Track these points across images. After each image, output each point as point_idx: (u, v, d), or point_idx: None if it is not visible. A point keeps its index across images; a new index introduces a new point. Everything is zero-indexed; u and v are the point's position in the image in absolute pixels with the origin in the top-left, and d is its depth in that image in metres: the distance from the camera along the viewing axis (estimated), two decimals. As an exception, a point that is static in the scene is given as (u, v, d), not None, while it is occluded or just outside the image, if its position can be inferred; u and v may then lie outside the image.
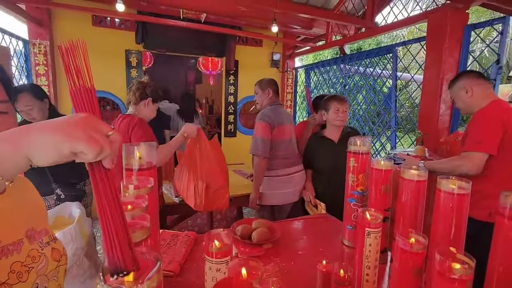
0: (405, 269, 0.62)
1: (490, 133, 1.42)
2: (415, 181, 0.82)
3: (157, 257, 0.36)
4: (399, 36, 9.18)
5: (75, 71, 0.41)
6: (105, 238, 0.36)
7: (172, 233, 1.16)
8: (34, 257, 0.56)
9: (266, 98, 2.10)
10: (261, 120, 1.99)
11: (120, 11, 2.44)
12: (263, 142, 1.96)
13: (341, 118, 1.88)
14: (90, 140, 0.36)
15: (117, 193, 0.39)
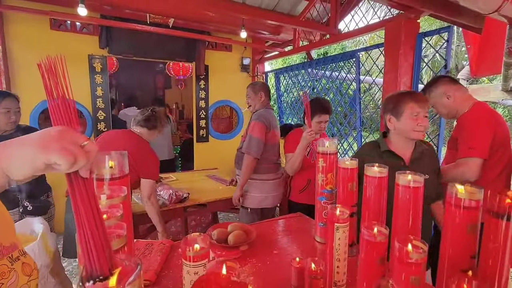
0: (370, 258, 0.68)
1: (481, 138, 1.44)
2: (377, 177, 0.90)
3: (137, 262, 0.37)
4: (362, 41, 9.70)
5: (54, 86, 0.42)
6: (82, 245, 0.37)
7: (146, 242, 1.14)
8: (4, 273, 0.55)
9: (259, 101, 2.14)
10: (259, 121, 2.00)
11: (82, 15, 2.34)
12: (258, 142, 1.98)
13: (421, 129, 1.22)
14: (63, 151, 0.37)
15: (96, 202, 0.39)
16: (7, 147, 0.39)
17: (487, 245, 0.57)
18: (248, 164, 2.00)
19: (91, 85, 3.31)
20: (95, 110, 3.37)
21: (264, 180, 2.09)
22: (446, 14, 2.13)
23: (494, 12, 1.64)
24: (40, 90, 2.10)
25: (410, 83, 2.24)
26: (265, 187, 2.09)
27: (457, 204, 0.65)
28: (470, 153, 1.45)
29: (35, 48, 2.99)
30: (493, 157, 1.48)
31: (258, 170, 2.06)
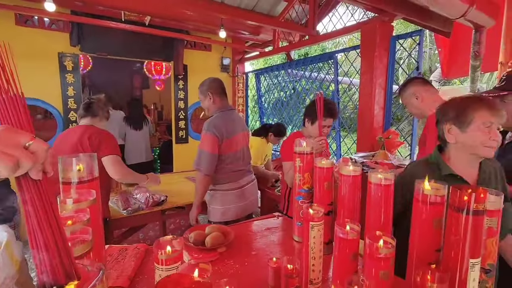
0: (343, 255, 0.69)
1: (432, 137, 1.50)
2: (351, 176, 0.92)
3: (100, 267, 0.35)
4: (341, 43, 9.94)
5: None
6: (34, 254, 0.34)
7: (119, 248, 1.10)
8: None
9: (211, 104, 1.89)
10: (208, 132, 1.79)
11: (50, 11, 2.23)
12: (208, 157, 1.78)
13: (494, 144, 1.01)
14: (1, 158, 0.33)
15: (52, 206, 0.37)
16: None
17: (450, 238, 0.60)
18: (200, 181, 1.81)
19: (62, 84, 3.16)
20: (66, 111, 3.22)
21: (224, 191, 1.91)
22: (418, 18, 2.23)
23: (461, 17, 1.74)
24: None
25: (385, 84, 2.32)
26: (225, 199, 1.90)
27: (423, 200, 0.68)
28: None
29: (-2, 44, 2.81)
30: None
31: (218, 181, 1.89)
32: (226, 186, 1.90)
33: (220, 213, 1.90)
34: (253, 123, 5.34)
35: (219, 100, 1.90)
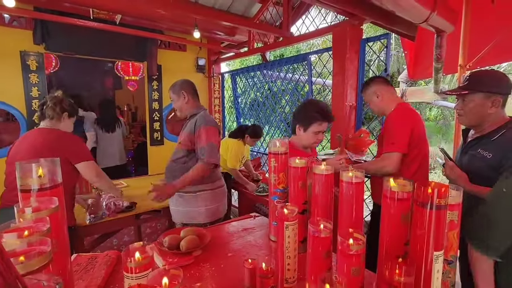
0: (316, 252, 0.71)
1: (400, 134, 1.62)
2: (324, 175, 0.94)
3: (57, 281, 0.33)
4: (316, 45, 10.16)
5: None
6: None
7: (89, 256, 1.04)
8: None
9: (184, 103, 1.86)
10: (212, 125, 1.79)
11: (10, 6, 2.08)
12: (217, 148, 1.80)
13: None
14: None
15: None
16: None
17: (415, 232, 0.63)
18: (204, 172, 1.76)
19: (25, 85, 2.96)
20: (30, 112, 3.02)
21: (216, 188, 1.91)
22: (385, 22, 2.33)
23: (423, 22, 1.84)
24: None
25: (356, 85, 2.40)
26: (218, 196, 1.91)
27: (391, 196, 0.70)
28: (391, 148, 1.62)
29: (-50, 41, 2.58)
30: (411, 153, 1.64)
31: (212, 178, 1.88)
32: (217, 183, 1.92)
33: (211, 212, 1.86)
34: (229, 123, 5.31)
35: (193, 100, 1.90)
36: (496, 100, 1.27)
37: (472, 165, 1.31)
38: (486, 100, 1.28)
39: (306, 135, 1.57)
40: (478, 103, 1.29)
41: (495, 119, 1.29)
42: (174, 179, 1.79)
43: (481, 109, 1.30)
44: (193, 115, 1.86)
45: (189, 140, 1.80)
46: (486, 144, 1.29)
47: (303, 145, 1.61)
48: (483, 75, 1.36)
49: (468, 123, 1.38)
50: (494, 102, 1.27)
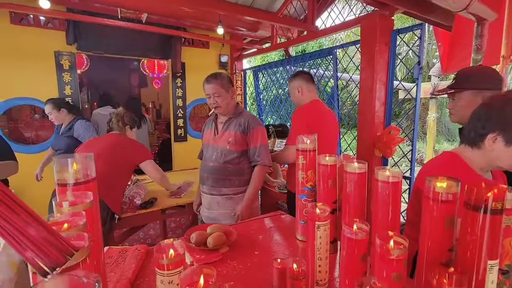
0: (352, 256, 0.67)
1: (297, 129, 1.81)
2: (357, 173, 0.89)
3: (96, 279, 0.33)
4: (338, 39, 9.90)
5: None
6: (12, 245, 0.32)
7: (119, 249, 1.07)
8: None
9: (230, 100, 1.79)
10: (262, 126, 1.83)
11: (45, 8, 2.18)
12: (269, 150, 1.84)
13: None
14: None
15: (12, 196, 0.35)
16: None
17: (465, 238, 0.58)
18: (264, 174, 1.81)
19: (59, 83, 3.12)
20: (64, 110, 3.17)
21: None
22: (419, 12, 2.19)
23: (463, 10, 1.70)
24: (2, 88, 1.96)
25: (386, 79, 2.29)
26: (257, 195, 1.95)
27: (434, 198, 0.65)
28: (289, 141, 1.93)
29: (-7, 44, 2.76)
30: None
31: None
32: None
33: (255, 211, 1.90)
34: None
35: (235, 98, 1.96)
36: (486, 97, 1.22)
37: None
38: (475, 97, 1.27)
39: (508, 152, 0.93)
40: (467, 100, 1.29)
41: None
42: (224, 181, 1.77)
43: (470, 107, 1.23)
44: (238, 114, 1.81)
45: (241, 141, 1.75)
46: None
47: (484, 165, 1.01)
48: (470, 72, 1.38)
49: (459, 121, 1.38)
50: (483, 98, 1.21)
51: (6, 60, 2.83)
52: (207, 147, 1.87)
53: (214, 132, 1.83)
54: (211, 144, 1.82)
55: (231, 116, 1.80)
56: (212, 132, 1.85)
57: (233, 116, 1.80)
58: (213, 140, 1.82)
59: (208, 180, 1.79)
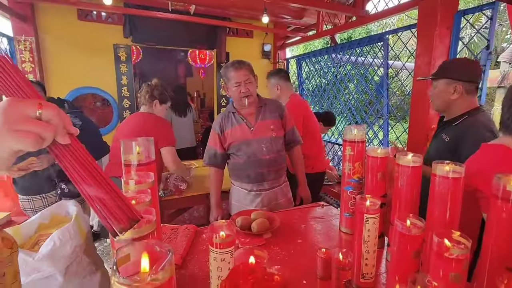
0: (403, 252, 0.65)
1: (296, 122, 1.85)
2: (411, 167, 0.84)
3: (169, 249, 0.36)
4: (388, 24, 9.19)
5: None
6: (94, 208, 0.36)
7: (172, 227, 1.16)
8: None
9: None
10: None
11: (107, 4, 2.37)
12: None
13: None
14: (18, 136, 0.32)
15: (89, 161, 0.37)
16: None
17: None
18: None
19: (117, 74, 3.40)
20: (120, 98, 3.47)
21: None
22: (490, -11, 1.94)
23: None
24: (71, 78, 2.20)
25: (445, 67, 2.08)
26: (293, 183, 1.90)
27: (504, 197, 0.59)
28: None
29: (64, 38, 3.10)
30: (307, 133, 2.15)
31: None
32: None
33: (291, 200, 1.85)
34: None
35: None
36: (458, 87, 1.34)
37: (435, 148, 1.41)
38: (448, 86, 1.36)
39: None
40: (441, 89, 1.40)
41: (462, 106, 1.37)
42: (282, 169, 1.72)
43: (444, 95, 1.38)
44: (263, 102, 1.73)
45: (280, 126, 1.70)
46: (448, 128, 1.39)
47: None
48: (453, 62, 1.49)
49: (436, 107, 1.48)
50: (455, 88, 1.34)
51: (74, 53, 3.16)
52: (246, 143, 1.66)
53: (248, 126, 1.66)
54: (250, 138, 1.66)
55: (260, 105, 1.68)
56: (244, 127, 1.66)
57: (261, 105, 1.69)
58: (251, 134, 1.65)
59: (270, 175, 1.67)
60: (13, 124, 0.32)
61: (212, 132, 1.72)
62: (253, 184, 1.67)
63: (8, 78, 0.34)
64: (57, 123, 0.34)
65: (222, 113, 1.75)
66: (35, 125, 0.32)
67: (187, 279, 0.86)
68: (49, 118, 0.34)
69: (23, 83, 0.35)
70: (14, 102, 0.33)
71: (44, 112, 0.33)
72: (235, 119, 1.67)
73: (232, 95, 1.65)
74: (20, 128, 0.32)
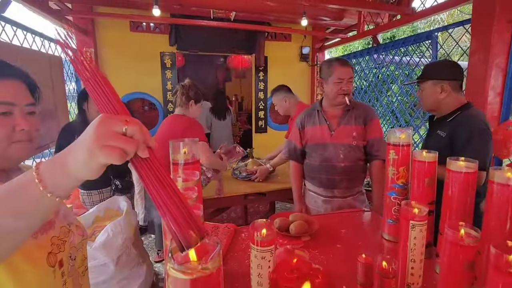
0: (455, 263, 0.61)
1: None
2: (463, 173, 0.79)
3: (217, 241, 0.39)
4: (437, 20, 8.55)
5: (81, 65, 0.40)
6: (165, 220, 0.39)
7: (212, 225, 1.21)
8: (65, 233, 0.69)
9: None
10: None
11: (156, 15, 2.57)
12: None
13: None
14: (107, 151, 0.36)
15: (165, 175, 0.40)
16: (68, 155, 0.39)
17: None
18: None
19: (162, 80, 3.65)
20: (165, 102, 3.71)
21: None
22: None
23: None
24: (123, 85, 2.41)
25: (505, 65, 1.89)
26: None
27: None
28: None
29: (118, 48, 3.42)
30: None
31: None
32: None
33: None
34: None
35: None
36: (444, 86, 1.41)
37: (432, 145, 1.42)
38: (435, 86, 1.43)
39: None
40: (429, 90, 1.46)
41: (452, 103, 1.43)
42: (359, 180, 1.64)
43: (432, 95, 1.46)
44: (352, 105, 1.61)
45: (363, 134, 1.57)
46: (442, 125, 1.45)
47: None
48: (435, 65, 1.64)
49: (426, 108, 1.55)
50: (442, 88, 1.41)
51: (125, 61, 3.46)
52: (322, 145, 1.60)
53: (329, 128, 1.58)
54: (328, 142, 1.58)
55: (348, 108, 1.58)
56: (325, 129, 1.59)
57: (349, 108, 1.58)
58: (330, 138, 1.57)
59: (342, 183, 1.59)
60: (103, 140, 0.36)
61: (294, 126, 1.74)
62: (323, 189, 1.61)
63: (102, 95, 0.40)
64: (139, 138, 0.38)
65: (307, 109, 1.73)
66: (121, 140, 0.36)
67: (228, 275, 0.89)
68: (133, 133, 0.37)
69: (114, 99, 0.40)
70: (104, 119, 0.37)
71: (129, 128, 0.37)
72: (318, 118, 1.63)
73: (328, 92, 1.57)
74: (109, 144, 0.36)
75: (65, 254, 0.66)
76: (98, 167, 0.37)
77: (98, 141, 0.36)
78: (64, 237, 0.68)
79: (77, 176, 0.39)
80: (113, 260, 1.68)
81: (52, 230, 0.65)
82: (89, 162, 0.37)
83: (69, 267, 0.68)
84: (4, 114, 0.60)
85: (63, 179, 0.39)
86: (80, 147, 0.37)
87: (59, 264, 0.64)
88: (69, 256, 0.69)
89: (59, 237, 0.66)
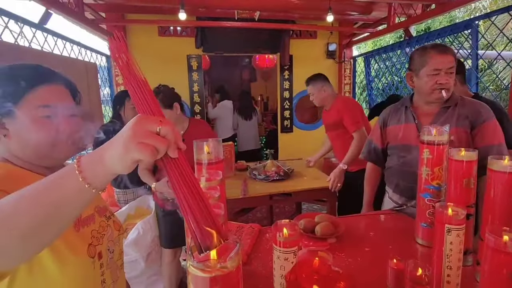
0: (497, 271, 0.55)
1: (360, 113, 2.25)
2: (507, 173, 0.72)
3: (236, 241, 0.39)
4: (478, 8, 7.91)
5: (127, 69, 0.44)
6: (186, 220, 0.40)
7: (237, 225, 1.22)
8: (104, 227, 0.74)
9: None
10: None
11: (182, 19, 2.64)
12: None
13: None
14: (141, 148, 0.38)
15: (191, 176, 0.41)
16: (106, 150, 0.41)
17: None
18: None
19: (189, 82, 3.75)
20: (192, 104, 3.81)
21: None
22: None
23: None
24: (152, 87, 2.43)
25: (558, 53, 1.70)
26: None
27: None
28: (358, 125, 2.15)
29: (147, 52, 3.57)
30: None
31: None
32: None
33: None
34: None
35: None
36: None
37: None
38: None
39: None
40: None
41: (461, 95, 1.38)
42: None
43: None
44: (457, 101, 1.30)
45: (466, 139, 1.26)
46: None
47: None
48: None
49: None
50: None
51: (154, 65, 3.59)
52: (406, 148, 1.36)
53: (418, 128, 1.32)
54: (414, 144, 1.29)
55: (449, 105, 1.28)
56: (413, 128, 1.33)
57: (449, 105, 1.28)
58: (417, 139, 1.15)
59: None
60: (139, 138, 0.39)
61: (376, 124, 1.53)
62: (399, 197, 1.40)
63: (142, 98, 0.44)
64: (171, 138, 0.41)
65: (393, 105, 1.48)
66: (154, 139, 0.39)
67: (252, 275, 0.89)
68: (165, 133, 0.40)
69: (152, 102, 0.44)
70: (141, 119, 0.40)
71: (163, 129, 0.40)
72: (405, 115, 1.38)
73: (421, 87, 1.30)
74: (143, 142, 0.39)
75: (103, 247, 0.72)
76: (132, 162, 0.40)
77: (134, 138, 0.38)
78: (103, 231, 0.74)
79: (113, 170, 0.41)
80: (143, 257, 1.76)
81: (92, 224, 0.72)
82: (124, 157, 0.39)
83: (108, 259, 0.73)
84: (49, 117, 0.66)
85: (101, 171, 0.42)
86: (117, 143, 0.40)
87: (98, 255, 0.69)
88: (108, 249, 0.74)
89: (98, 230, 0.73)
